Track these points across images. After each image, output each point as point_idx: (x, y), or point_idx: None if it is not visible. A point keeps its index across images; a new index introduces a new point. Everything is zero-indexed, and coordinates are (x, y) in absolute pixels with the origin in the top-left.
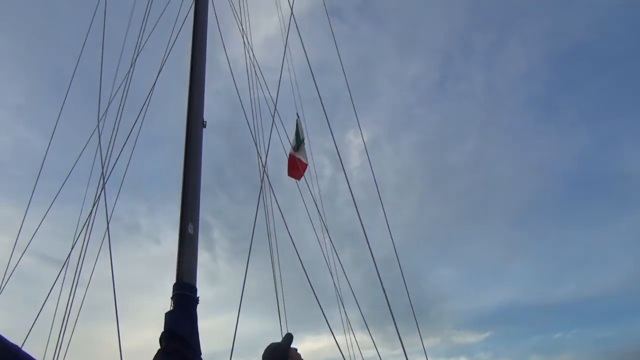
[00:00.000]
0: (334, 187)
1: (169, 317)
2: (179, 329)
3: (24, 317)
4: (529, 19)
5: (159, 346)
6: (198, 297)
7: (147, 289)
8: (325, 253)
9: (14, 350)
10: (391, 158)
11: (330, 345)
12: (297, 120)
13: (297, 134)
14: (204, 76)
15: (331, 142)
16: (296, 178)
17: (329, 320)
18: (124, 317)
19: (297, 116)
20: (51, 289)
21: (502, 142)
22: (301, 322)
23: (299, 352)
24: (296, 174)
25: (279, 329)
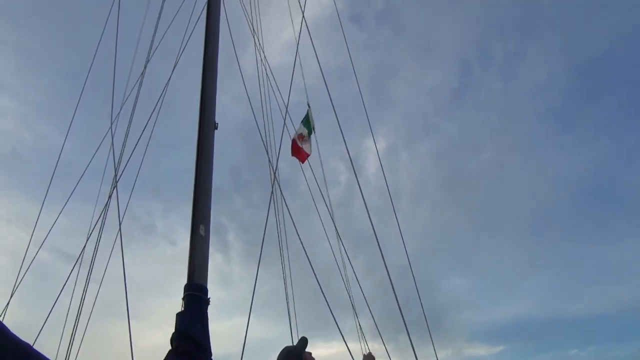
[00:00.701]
0: (350, 194)
1: (179, 318)
2: (190, 330)
3: (38, 312)
4: (549, 28)
5: (170, 347)
6: (209, 298)
7: (161, 289)
8: (339, 260)
9: (26, 348)
10: (408, 165)
11: (341, 352)
12: (307, 110)
13: (307, 122)
14: (216, 79)
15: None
16: (300, 160)
17: (340, 327)
18: (138, 316)
19: (308, 106)
20: (64, 286)
21: (520, 152)
22: (313, 328)
23: (313, 356)
24: (300, 156)
25: (290, 334)
